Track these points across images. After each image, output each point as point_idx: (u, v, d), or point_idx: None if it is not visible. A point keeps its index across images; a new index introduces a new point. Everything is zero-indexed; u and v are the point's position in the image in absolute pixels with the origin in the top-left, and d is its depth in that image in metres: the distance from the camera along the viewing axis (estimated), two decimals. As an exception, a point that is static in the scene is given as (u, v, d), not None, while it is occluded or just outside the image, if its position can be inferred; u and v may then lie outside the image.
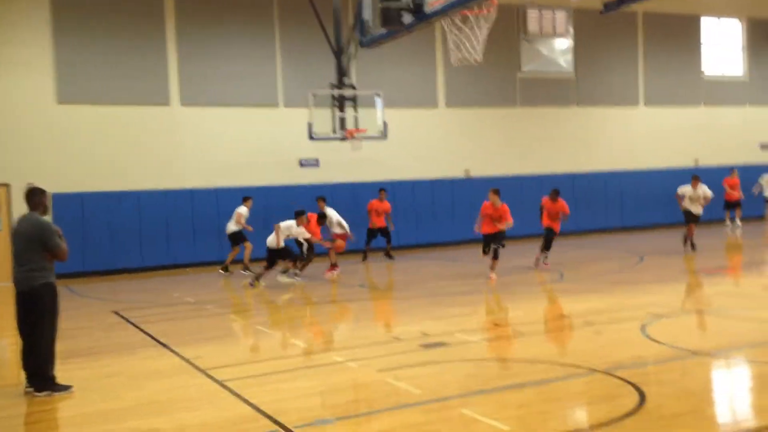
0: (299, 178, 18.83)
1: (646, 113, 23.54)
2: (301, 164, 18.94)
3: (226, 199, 18.02)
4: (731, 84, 24.48)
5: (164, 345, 8.44)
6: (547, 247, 13.83)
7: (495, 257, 12.47)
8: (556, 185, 22.58)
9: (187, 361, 7.55)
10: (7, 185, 16.30)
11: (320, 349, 7.85)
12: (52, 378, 6.54)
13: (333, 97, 16.25)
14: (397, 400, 5.84)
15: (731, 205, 21.03)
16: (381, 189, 17.20)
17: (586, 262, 15.42)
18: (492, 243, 12.46)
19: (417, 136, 20.26)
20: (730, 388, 6.09)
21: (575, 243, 19.53)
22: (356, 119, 16.29)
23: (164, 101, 17.75)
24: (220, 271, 15.55)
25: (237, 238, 15.45)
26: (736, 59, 24.56)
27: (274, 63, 18.82)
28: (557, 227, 13.92)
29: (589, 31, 22.44)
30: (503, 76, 21.46)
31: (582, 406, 5.64)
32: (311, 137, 15.96)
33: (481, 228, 12.63)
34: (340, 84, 16.46)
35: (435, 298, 11.30)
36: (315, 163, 19.01)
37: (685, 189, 15.81)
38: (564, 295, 11.01)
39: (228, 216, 16.26)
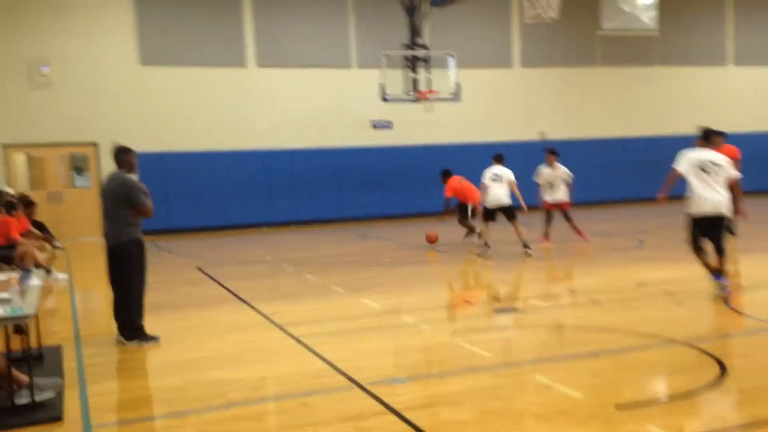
0: (372, 140, 18.91)
1: (736, 73, 22.36)
2: (374, 126, 18.99)
3: (299, 160, 18.34)
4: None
5: (243, 300, 8.75)
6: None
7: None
8: (635, 149, 21.91)
9: (265, 316, 7.82)
10: (95, 144, 17.07)
11: (393, 311, 7.97)
12: (141, 328, 6.91)
13: (405, 57, 16.14)
14: (468, 363, 5.89)
15: None
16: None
17: (668, 229, 14.94)
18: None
19: (491, 97, 19.95)
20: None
21: (657, 209, 18.89)
22: (429, 80, 16.17)
23: (241, 63, 18.08)
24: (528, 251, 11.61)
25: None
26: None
27: (347, 23, 18.81)
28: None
29: (675, -14, 21.37)
30: (582, 34, 20.78)
31: (658, 376, 5.54)
32: (384, 99, 15.96)
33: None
34: (413, 44, 16.33)
35: (506, 263, 11.24)
36: (387, 125, 19.03)
37: None
38: (643, 262, 10.75)
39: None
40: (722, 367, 5.40)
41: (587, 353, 6.00)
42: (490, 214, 11.97)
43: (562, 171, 12.81)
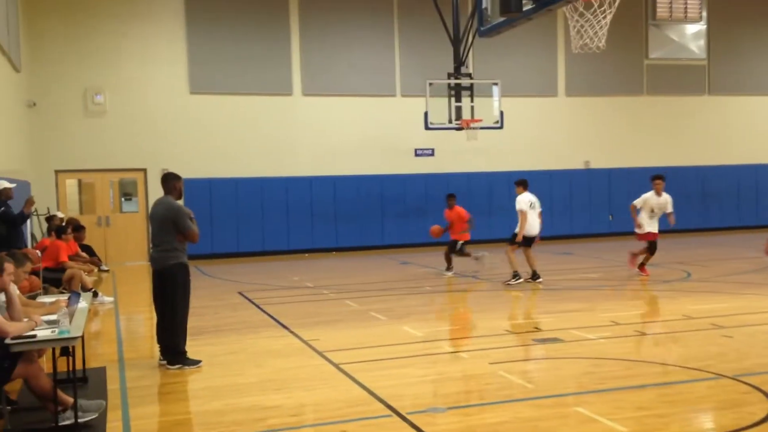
0: (414, 168, 18.98)
1: (788, 102, 21.84)
2: (416, 154, 19.07)
3: (342, 187, 18.48)
4: None
5: (284, 326, 8.81)
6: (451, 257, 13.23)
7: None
8: (683, 179, 21.44)
9: (306, 342, 7.85)
10: (144, 170, 17.52)
11: (433, 339, 7.92)
12: (184, 353, 7.00)
13: (449, 86, 16.22)
14: (509, 393, 5.81)
15: None
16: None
17: (716, 260, 14.56)
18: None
19: (535, 125, 19.86)
20: None
21: (704, 240, 18.49)
22: (472, 109, 16.19)
23: (287, 91, 18.42)
24: (539, 280, 11.92)
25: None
26: None
27: (393, 53, 19.03)
28: (459, 237, 13.18)
29: (724, 15, 21.06)
30: (629, 64, 20.60)
31: (706, 411, 5.38)
32: (427, 127, 16.02)
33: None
34: (458, 73, 16.40)
35: (549, 293, 11.09)
36: (430, 152, 19.09)
37: None
38: (690, 294, 10.48)
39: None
40: (774, 405, 5.21)
41: (631, 386, 5.86)
42: (526, 242, 11.88)
43: (666, 199, 12.24)
